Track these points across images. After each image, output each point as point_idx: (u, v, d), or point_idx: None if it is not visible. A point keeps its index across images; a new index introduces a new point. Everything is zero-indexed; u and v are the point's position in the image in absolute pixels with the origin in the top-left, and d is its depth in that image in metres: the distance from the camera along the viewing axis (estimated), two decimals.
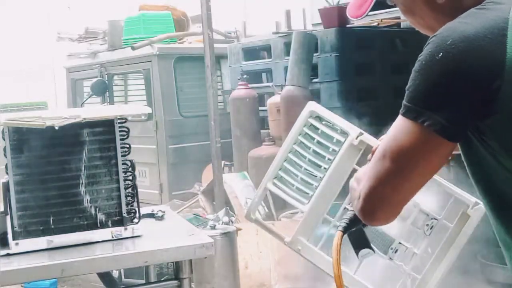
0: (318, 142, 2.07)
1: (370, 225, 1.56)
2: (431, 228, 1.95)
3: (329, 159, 2.03)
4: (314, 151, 2.08)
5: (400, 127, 1.27)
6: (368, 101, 5.78)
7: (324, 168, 2.04)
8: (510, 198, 1.27)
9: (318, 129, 2.08)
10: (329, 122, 2.08)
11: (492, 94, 1.18)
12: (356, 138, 2.03)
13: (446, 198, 1.97)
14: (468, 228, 1.96)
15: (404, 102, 1.27)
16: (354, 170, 2.00)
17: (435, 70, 1.21)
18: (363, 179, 1.33)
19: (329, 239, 2.02)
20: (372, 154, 1.83)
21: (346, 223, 1.61)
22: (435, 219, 1.94)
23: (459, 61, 1.19)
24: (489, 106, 1.19)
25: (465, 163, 1.36)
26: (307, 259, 2.08)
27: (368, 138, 2.02)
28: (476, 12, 1.26)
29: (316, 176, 2.05)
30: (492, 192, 1.32)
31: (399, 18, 5.95)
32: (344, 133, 2.06)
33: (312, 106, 2.12)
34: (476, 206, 1.95)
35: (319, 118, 2.10)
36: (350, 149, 2.02)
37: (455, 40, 1.20)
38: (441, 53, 1.20)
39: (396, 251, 1.93)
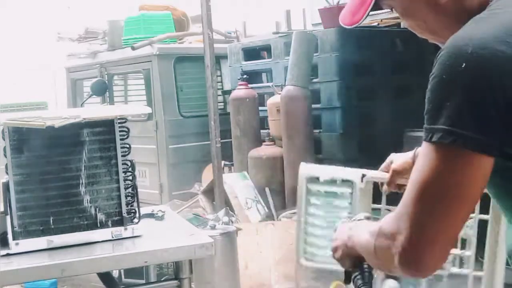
0: (328, 203, 2.00)
1: (418, 277, 1.38)
2: None
3: (348, 213, 1.95)
4: (328, 213, 2.00)
5: (432, 155, 1.15)
6: (368, 101, 5.78)
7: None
8: None
9: (320, 192, 2.00)
10: (327, 180, 2.00)
11: None
12: (362, 181, 1.95)
13: None
14: None
15: (428, 126, 1.16)
16: (373, 210, 1.94)
17: (461, 82, 1.13)
18: (400, 228, 1.19)
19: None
20: (388, 186, 1.80)
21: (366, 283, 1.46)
22: None
23: (484, 69, 1.11)
24: None
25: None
26: None
27: (372, 175, 1.95)
28: (486, 17, 1.20)
29: None
30: None
31: (399, 18, 5.95)
32: (348, 181, 1.98)
33: (304, 169, 2.01)
34: None
35: (317, 179, 2.01)
36: (361, 194, 1.95)
37: (475, 47, 1.12)
38: (464, 64, 1.12)
39: None
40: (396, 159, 1.85)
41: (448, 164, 1.14)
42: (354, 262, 1.45)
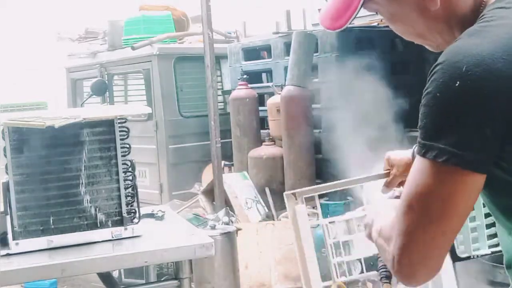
0: None
1: (411, 286, 1.37)
2: None
3: None
4: None
5: (425, 171, 1.15)
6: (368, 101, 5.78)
7: None
8: None
9: None
10: None
11: None
12: None
13: None
14: None
15: (422, 141, 1.16)
16: None
17: (455, 100, 1.11)
18: (392, 236, 1.21)
19: None
20: (387, 187, 1.85)
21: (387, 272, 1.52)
22: None
23: (478, 88, 1.09)
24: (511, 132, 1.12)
25: (483, 193, 1.26)
26: None
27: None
28: (480, 30, 1.17)
29: None
30: None
31: None
32: None
33: None
34: None
35: None
36: None
37: (470, 65, 1.10)
38: (458, 82, 1.10)
39: None
40: (395, 161, 1.88)
41: (440, 181, 1.14)
42: None
